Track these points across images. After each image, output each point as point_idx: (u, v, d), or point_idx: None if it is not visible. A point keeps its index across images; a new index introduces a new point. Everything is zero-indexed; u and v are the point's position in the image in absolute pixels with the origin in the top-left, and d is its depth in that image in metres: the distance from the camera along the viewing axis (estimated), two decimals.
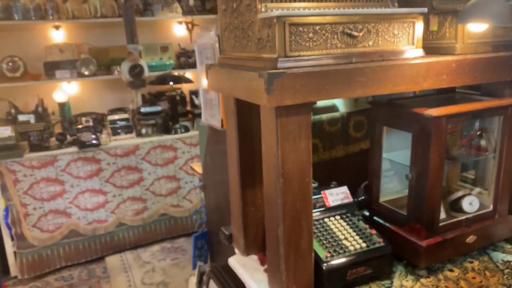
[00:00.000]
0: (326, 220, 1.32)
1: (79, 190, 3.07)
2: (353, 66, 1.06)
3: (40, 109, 3.28)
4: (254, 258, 1.42)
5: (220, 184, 1.87)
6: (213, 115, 1.66)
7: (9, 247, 3.02)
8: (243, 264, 1.41)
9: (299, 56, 1.02)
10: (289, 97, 0.98)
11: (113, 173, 3.15)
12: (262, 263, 1.39)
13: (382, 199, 1.42)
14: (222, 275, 1.89)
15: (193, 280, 2.23)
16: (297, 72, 0.98)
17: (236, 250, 1.49)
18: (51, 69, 3.28)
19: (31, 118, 3.22)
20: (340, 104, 1.67)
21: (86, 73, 3.27)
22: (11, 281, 2.99)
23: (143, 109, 3.31)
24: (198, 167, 2.33)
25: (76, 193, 3.07)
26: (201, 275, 2.15)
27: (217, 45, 1.50)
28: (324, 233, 1.27)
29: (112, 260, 3.20)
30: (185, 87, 3.73)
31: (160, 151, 3.29)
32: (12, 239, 2.97)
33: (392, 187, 1.47)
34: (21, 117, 3.23)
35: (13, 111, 3.22)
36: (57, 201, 3.02)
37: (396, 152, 1.42)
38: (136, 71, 3.33)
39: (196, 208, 3.40)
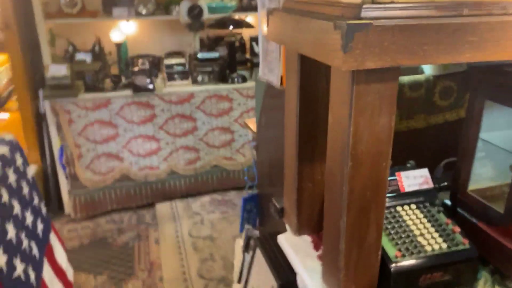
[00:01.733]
0: (398, 208, 1.11)
1: (132, 135, 3.04)
2: (464, 20, 0.79)
3: (97, 48, 3.22)
4: (307, 239, 1.26)
5: (274, 147, 1.69)
6: (272, 69, 1.45)
7: (64, 186, 3.10)
8: (293, 245, 1.25)
9: (391, 2, 0.77)
10: (373, 59, 0.75)
11: (166, 120, 3.08)
12: (316, 247, 1.22)
13: (470, 187, 1.17)
14: (270, 246, 1.75)
15: (240, 243, 2.13)
16: (387, 24, 0.74)
17: (287, 227, 1.33)
18: (109, 6, 3.17)
19: (88, 58, 3.17)
20: (426, 65, 1.39)
21: (144, 12, 3.12)
22: (64, 219, 3.10)
23: (200, 55, 3.14)
24: (252, 123, 2.16)
25: (129, 138, 3.04)
26: (248, 239, 2.04)
27: None
28: (395, 225, 1.06)
29: (162, 208, 3.20)
30: (246, 33, 3.49)
31: (216, 101, 3.14)
32: (67, 178, 3.04)
33: (484, 174, 1.21)
34: (79, 56, 3.19)
35: (70, 49, 3.18)
36: (109, 144, 3.01)
37: (496, 132, 1.14)
38: (194, 12, 3.14)
39: (249, 165, 3.28)
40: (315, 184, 1.23)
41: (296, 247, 1.24)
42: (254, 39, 3.47)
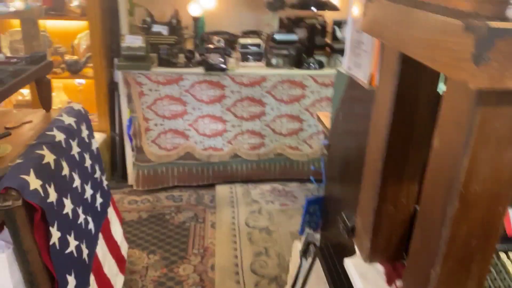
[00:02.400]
0: (502, 256, 0.89)
1: (199, 113, 2.97)
2: None
3: (174, 21, 3.16)
4: (379, 268, 1.08)
5: (350, 150, 1.50)
6: (359, 64, 1.25)
7: (129, 157, 3.13)
8: (362, 274, 1.08)
9: None
10: None
11: (235, 102, 2.97)
12: (390, 280, 1.04)
13: None
14: (332, 259, 1.59)
15: (299, 246, 1.99)
16: None
17: (357, 250, 1.16)
18: None
19: (164, 30, 3.13)
20: None
21: None
22: (127, 189, 3.14)
23: (277, 36, 2.98)
24: (325, 117, 1.98)
25: (197, 117, 2.98)
26: (307, 244, 1.90)
27: None
28: (497, 276, 0.86)
29: (222, 190, 3.14)
30: (329, 15, 3.26)
31: (288, 87, 2.98)
32: (132, 150, 3.06)
33: None
34: (155, 27, 3.15)
35: (148, 19, 3.15)
36: (177, 121, 2.98)
37: None
38: None
39: (314, 159, 3.10)
40: (398, 208, 1.04)
41: (365, 276, 1.07)
42: (337, 23, 3.22)
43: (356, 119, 1.41)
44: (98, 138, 3.15)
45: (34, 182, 1.34)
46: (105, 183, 2.16)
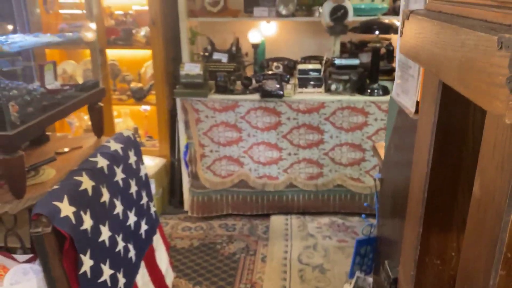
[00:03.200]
0: None
1: (255, 140, 2.92)
2: None
3: (234, 48, 3.18)
4: None
5: (399, 188, 1.33)
6: (407, 90, 1.11)
7: (186, 183, 3.14)
8: None
9: None
10: None
11: (291, 129, 2.88)
12: None
13: None
14: None
15: None
16: None
17: None
18: (250, 6, 3.10)
19: (224, 57, 3.16)
20: None
21: (284, 12, 2.97)
22: (182, 215, 3.15)
23: (337, 61, 2.86)
24: (381, 148, 1.81)
25: (252, 144, 2.93)
26: None
27: None
28: None
29: (277, 221, 3.03)
30: (395, 39, 3.08)
31: (348, 113, 2.83)
32: (189, 176, 3.07)
33: None
34: (216, 55, 3.20)
35: (209, 47, 3.21)
36: (232, 147, 2.95)
37: None
38: (338, 14, 2.86)
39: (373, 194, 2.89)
40: (446, 262, 0.87)
41: None
42: None
43: (405, 151, 1.25)
44: (158, 163, 3.22)
45: (67, 209, 1.34)
46: (152, 209, 2.15)
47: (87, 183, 1.51)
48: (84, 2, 2.63)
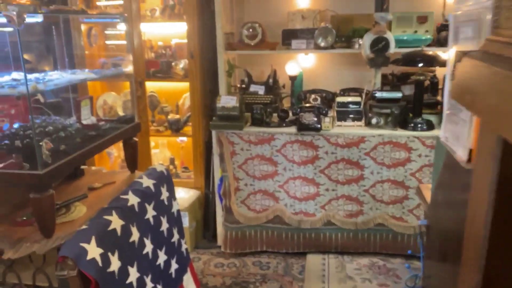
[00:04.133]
0: None
1: (291, 175, 2.84)
2: None
3: (271, 81, 3.16)
4: None
5: (451, 237, 1.21)
6: (457, 135, 1.01)
7: (220, 217, 3.09)
8: None
9: None
10: None
11: (329, 164, 2.78)
12: None
13: None
14: None
15: None
16: None
17: None
18: (288, 38, 3.08)
19: (261, 90, 3.13)
20: None
21: (323, 44, 2.92)
22: (215, 250, 3.08)
23: (378, 94, 2.76)
24: (426, 189, 1.69)
25: (288, 178, 2.85)
26: None
27: (488, 16, 0.83)
28: None
29: (313, 260, 2.90)
30: (440, 71, 2.95)
31: (390, 149, 2.70)
32: (222, 210, 3.01)
33: None
34: (253, 87, 3.18)
35: (246, 79, 3.20)
36: (267, 182, 2.87)
37: None
38: (379, 45, 2.78)
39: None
40: None
41: None
42: None
43: (456, 200, 1.13)
44: (193, 195, 3.19)
45: (94, 251, 1.30)
46: (183, 247, 2.10)
47: (116, 222, 1.47)
48: (125, 36, 2.70)
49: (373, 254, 2.92)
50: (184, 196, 3.16)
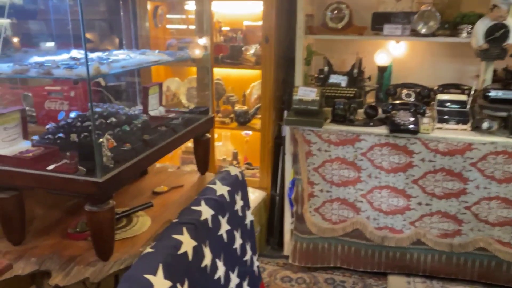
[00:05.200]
0: None
1: (376, 183, 2.45)
2: None
3: (355, 71, 2.77)
4: None
5: None
6: None
7: (288, 223, 2.77)
8: None
9: None
10: None
11: (425, 173, 2.37)
12: None
13: None
14: None
15: None
16: None
17: None
18: (379, 23, 2.67)
19: (343, 81, 2.76)
20: None
21: (423, 31, 2.49)
22: (281, 260, 2.77)
23: (493, 93, 2.30)
24: None
25: (372, 187, 2.46)
26: None
27: None
28: None
29: (396, 283, 2.51)
30: None
31: (503, 160, 2.25)
32: (292, 216, 2.69)
33: None
34: (332, 78, 2.81)
35: (325, 69, 2.83)
36: (347, 189, 2.51)
37: None
38: (496, 34, 2.31)
39: None
40: None
41: None
42: None
43: None
44: (258, 197, 2.89)
45: (160, 285, 1.02)
46: (255, 264, 1.79)
47: (187, 243, 1.18)
48: (195, 17, 2.42)
49: (469, 282, 2.49)
50: (249, 196, 2.86)
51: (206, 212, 1.34)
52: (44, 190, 1.09)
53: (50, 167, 1.03)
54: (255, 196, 2.90)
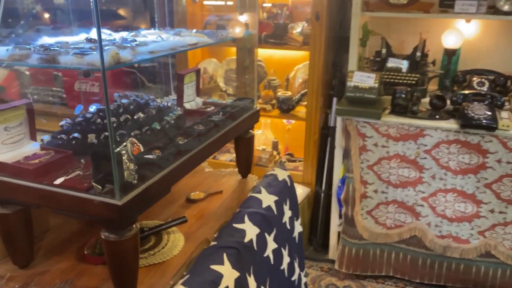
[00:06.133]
0: None
1: (441, 186, 2.15)
2: None
3: (418, 54, 2.43)
4: None
5: None
6: None
7: (334, 225, 2.51)
8: None
9: None
10: None
11: (501, 177, 2.04)
12: None
13: None
14: None
15: None
16: None
17: None
18: None
19: (403, 65, 2.43)
20: None
21: (506, 7, 2.12)
22: (326, 264, 2.53)
23: None
24: None
25: (436, 189, 2.16)
26: None
27: None
28: None
29: None
30: None
31: None
32: (340, 217, 2.43)
33: None
34: (391, 62, 2.48)
35: (383, 51, 2.50)
36: (406, 190, 2.22)
37: None
38: None
39: None
40: None
41: None
42: None
43: None
44: (301, 193, 2.63)
45: None
46: (303, 281, 1.56)
47: (229, 276, 0.95)
48: None
49: None
50: None
51: (250, 231, 1.11)
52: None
53: (58, 181, 0.81)
54: (298, 192, 2.62)
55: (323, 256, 2.62)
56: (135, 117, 1.07)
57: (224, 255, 0.98)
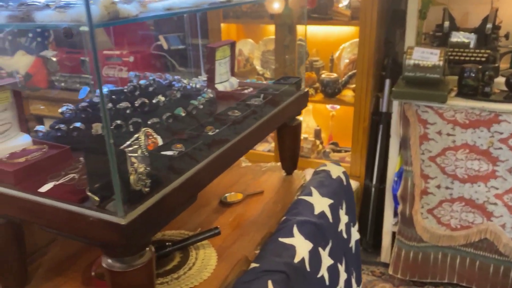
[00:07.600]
0: None
1: None
2: None
3: (488, 26, 2.10)
4: None
5: None
6: None
7: (388, 223, 2.24)
8: None
9: None
10: None
11: None
12: None
13: None
14: None
15: None
16: None
17: None
18: None
19: (471, 40, 2.10)
20: None
21: None
22: (378, 268, 2.27)
23: None
24: None
25: None
26: None
27: None
28: None
29: None
30: None
31: None
32: (395, 216, 2.16)
33: None
34: (455, 36, 2.16)
35: (446, 24, 2.18)
36: (476, 186, 1.92)
37: None
38: None
39: None
40: None
41: None
42: None
43: None
44: None
45: None
46: None
47: None
48: None
49: None
50: None
51: (301, 247, 0.87)
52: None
53: (44, 188, 0.60)
54: None
55: (374, 259, 2.36)
56: (153, 101, 0.85)
57: (270, 282, 0.75)
